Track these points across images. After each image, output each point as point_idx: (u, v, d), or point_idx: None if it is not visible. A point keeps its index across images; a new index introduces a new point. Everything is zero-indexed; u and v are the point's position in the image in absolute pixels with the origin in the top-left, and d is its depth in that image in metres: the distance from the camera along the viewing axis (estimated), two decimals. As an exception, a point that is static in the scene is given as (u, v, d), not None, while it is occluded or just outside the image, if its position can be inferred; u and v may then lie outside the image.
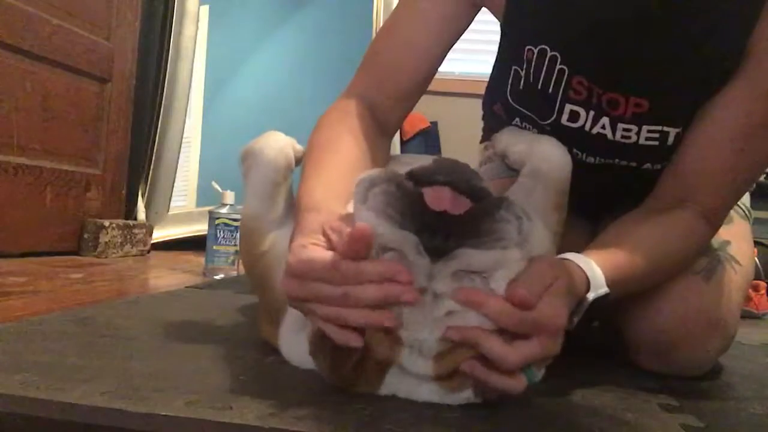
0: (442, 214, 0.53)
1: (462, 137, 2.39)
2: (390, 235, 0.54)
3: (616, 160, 0.88)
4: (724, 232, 0.91)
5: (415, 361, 0.57)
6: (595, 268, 0.72)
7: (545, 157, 0.83)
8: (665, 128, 0.83)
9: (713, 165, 0.82)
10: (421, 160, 0.89)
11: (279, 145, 0.79)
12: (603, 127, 0.85)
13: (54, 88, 1.89)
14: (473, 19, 0.90)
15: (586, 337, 1.11)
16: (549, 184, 0.81)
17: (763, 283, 1.71)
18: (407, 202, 0.55)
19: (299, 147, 0.83)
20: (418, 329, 0.55)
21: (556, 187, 0.82)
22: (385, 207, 0.55)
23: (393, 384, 0.59)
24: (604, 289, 0.71)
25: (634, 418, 0.64)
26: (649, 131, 0.84)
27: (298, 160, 0.82)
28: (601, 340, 1.09)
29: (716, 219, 0.85)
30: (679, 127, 0.83)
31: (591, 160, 0.89)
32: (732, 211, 0.95)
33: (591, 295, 0.70)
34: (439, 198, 0.54)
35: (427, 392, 0.59)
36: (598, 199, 1.00)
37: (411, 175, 0.57)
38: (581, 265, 0.71)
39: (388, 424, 0.54)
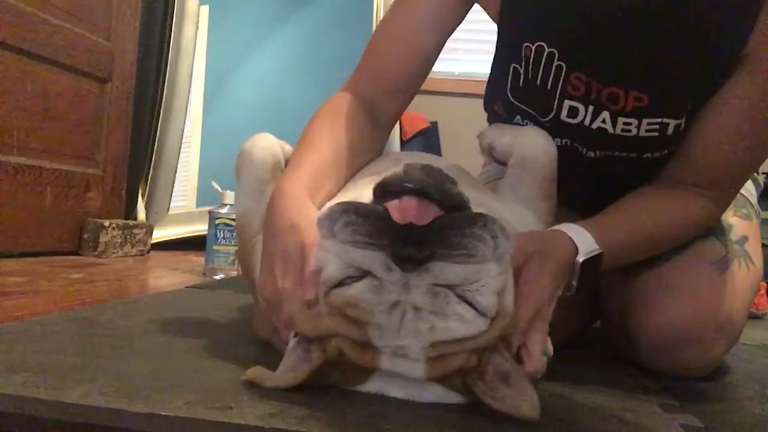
0: (409, 225, 0.54)
1: (462, 137, 2.39)
2: (357, 257, 0.55)
3: (617, 152, 0.89)
4: (744, 227, 0.92)
5: (402, 365, 0.57)
6: (582, 231, 0.75)
7: (530, 145, 0.83)
8: (665, 120, 0.84)
9: (718, 158, 0.83)
10: (410, 158, 0.90)
11: (267, 144, 0.82)
12: (603, 121, 0.85)
13: (54, 88, 1.89)
14: (465, 15, 0.91)
15: (587, 337, 1.11)
16: (536, 173, 0.82)
17: (763, 283, 1.71)
18: (372, 222, 0.55)
19: (289, 147, 0.86)
20: (396, 338, 0.56)
21: (543, 174, 0.82)
22: (353, 235, 0.55)
23: (383, 384, 0.60)
24: (595, 249, 0.74)
25: (634, 418, 0.64)
26: (649, 124, 0.84)
27: (288, 161, 0.84)
28: (602, 340, 1.09)
29: (720, 200, 0.87)
30: (679, 118, 0.83)
31: (591, 154, 0.90)
32: (751, 210, 0.95)
33: (581, 258, 0.73)
34: (404, 209, 0.54)
35: (422, 393, 0.60)
36: (599, 194, 1.00)
37: (381, 185, 0.58)
38: (567, 231, 0.74)
39: (388, 424, 0.54)
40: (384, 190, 0.57)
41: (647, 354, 0.87)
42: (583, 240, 0.75)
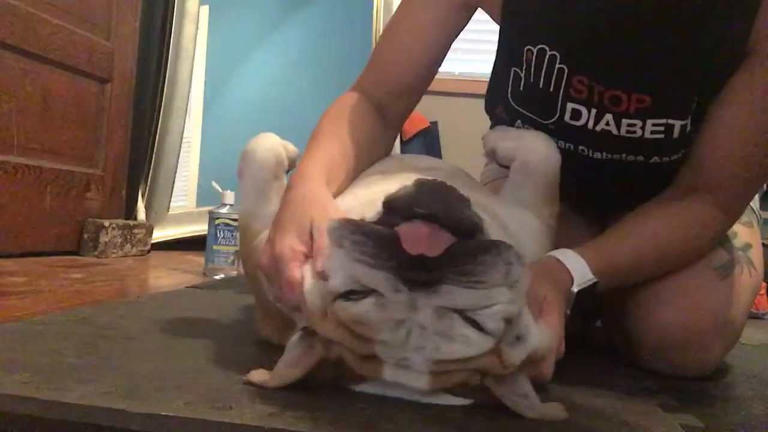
0: (420, 255, 0.53)
1: (462, 137, 2.39)
2: (363, 275, 0.54)
3: (623, 155, 0.88)
4: (747, 234, 0.92)
5: (404, 376, 0.57)
6: (578, 259, 0.75)
7: (532, 150, 0.83)
8: (670, 121, 0.83)
9: (728, 159, 0.83)
10: (413, 161, 0.90)
11: (269, 144, 0.82)
12: (607, 123, 0.85)
13: (54, 88, 1.89)
14: (469, 19, 0.92)
15: (587, 337, 1.11)
16: (538, 178, 0.82)
17: (763, 283, 1.71)
18: (381, 245, 0.54)
19: (292, 148, 0.86)
20: (401, 352, 0.56)
21: (545, 180, 0.82)
22: (360, 255, 0.55)
23: (382, 385, 0.60)
24: (590, 278, 0.74)
25: (634, 418, 0.64)
26: (653, 125, 0.84)
27: (292, 161, 0.84)
28: (603, 340, 1.09)
29: (732, 209, 0.86)
30: (684, 119, 0.83)
31: (598, 155, 0.90)
32: (753, 216, 0.95)
33: (575, 288, 0.73)
34: (415, 238, 0.53)
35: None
36: (606, 198, 1.00)
37: (389, 205, 0.57)
38: (562, 259, 0.74)
39: (388, 424, 0.54)
40: (390, 210, 0.57)
41: (647, 355, 0.87)
42: (579, 268, 0.75)
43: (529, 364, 0.61)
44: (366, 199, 0.70)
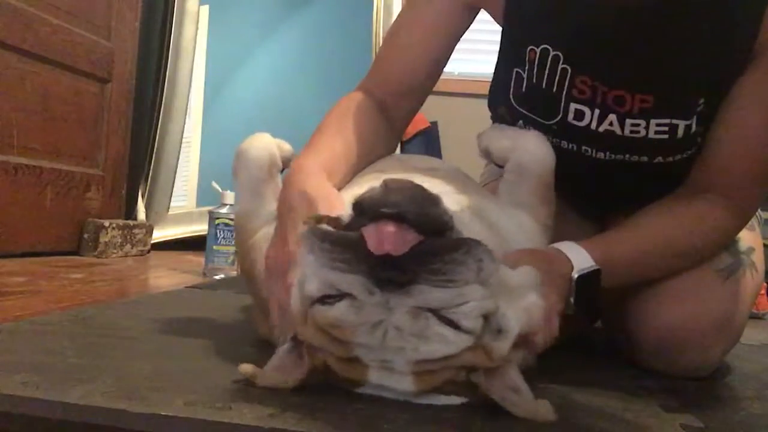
0: (386, 256, 0.53)
1: (462, 137, 2.39)
2: (338, 281, 0.55)
3: (627, 155, 0.88)
4: (750, 238, 0.92)
5: (388, 378, 0.57)
6: (577, 249, 0.75)
7: (527, 150, 0.83)
8: (674, 121, 0.83)
9: (738, 159, 0.83)
10: (412, 161, 0.90)
11: (263, 143, 0.82)
12: (611, 124, 0.85)
13: (54, 88, 1.89)
14: (471, 21, 0.92)
15: (587, 337, 1.11)
16: (532, 179, 0.81)
17: (763, 284, 1.71)
18: (350, 249, 0.54)
19: (287, 146, 0.86)
20: (381, 353, 0.56)
21: (540, 180, 0.82)
22: (331, 262, 0.55)
23: (378, 388, 0.60)
24: (590, 265, 0.74)
25: (634, 418, 0.64)
26: (657, 125, 0.84)
27: (286, 160, 0.84)
28: (603, 341, 1.09)
29: (743, 210, 0.86)
30: (688, 119, 0.83)
31: (601, 155, 0.89)
32: (754, 218, 0.95)
33: (575, 274, 0.73)
34: (380, 238, 0.53)
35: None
36: (609, 198, 1.00)
37: (358, 206, 0.57)
38: (562, 248, 0.75)
39: (388, 424, 0.54)
40: (362, 210, 0.57)
41: (647, 355, 0.87)
42: (579, 257, 0.75)
43: (516, 347, 0.61)
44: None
